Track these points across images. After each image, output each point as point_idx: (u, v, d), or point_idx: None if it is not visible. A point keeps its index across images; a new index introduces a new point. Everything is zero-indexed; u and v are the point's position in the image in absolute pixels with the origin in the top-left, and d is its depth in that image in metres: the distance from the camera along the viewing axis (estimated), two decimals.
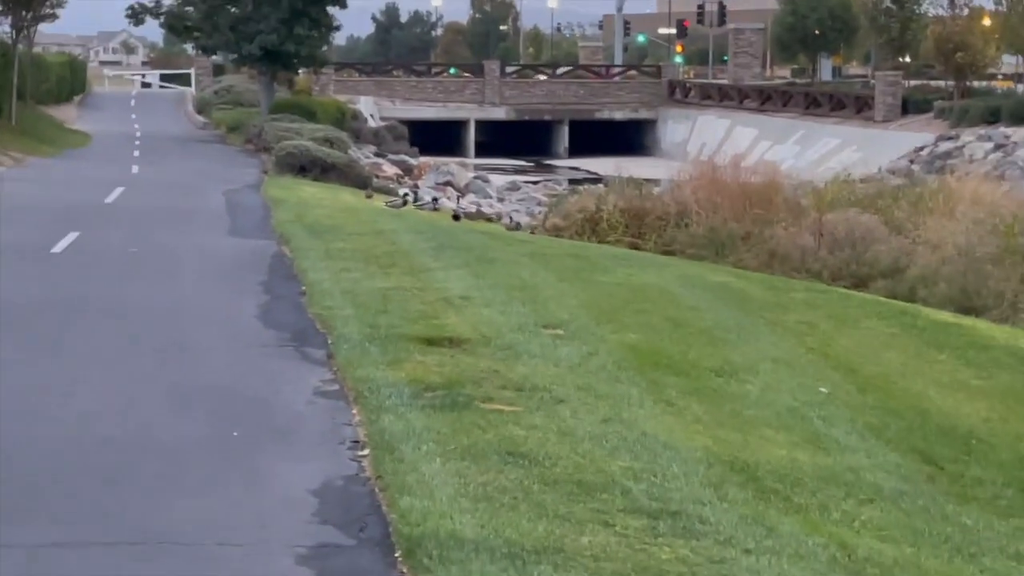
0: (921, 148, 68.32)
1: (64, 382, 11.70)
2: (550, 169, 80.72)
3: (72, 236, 21.64)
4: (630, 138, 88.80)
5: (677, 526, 8.23)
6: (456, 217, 26.55)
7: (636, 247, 28.84)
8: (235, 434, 10.02)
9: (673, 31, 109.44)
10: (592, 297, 15.68)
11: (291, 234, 21.98)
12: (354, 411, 10.59)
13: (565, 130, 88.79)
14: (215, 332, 14.08)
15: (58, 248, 20.35)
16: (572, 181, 69.03)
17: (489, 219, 33.69)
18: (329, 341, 13.24)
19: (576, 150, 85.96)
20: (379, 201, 31.70)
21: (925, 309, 18.11)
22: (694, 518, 8.41)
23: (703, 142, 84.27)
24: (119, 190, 30.97)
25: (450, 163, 54.61)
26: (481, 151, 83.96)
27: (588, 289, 16.22)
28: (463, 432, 9.81)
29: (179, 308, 15.51)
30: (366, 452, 9.47)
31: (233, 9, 56.05)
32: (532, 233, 32.31)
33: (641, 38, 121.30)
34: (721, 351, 13.62)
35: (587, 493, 8.67)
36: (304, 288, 16.52)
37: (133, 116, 69.72)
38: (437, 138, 76.89)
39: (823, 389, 12.69)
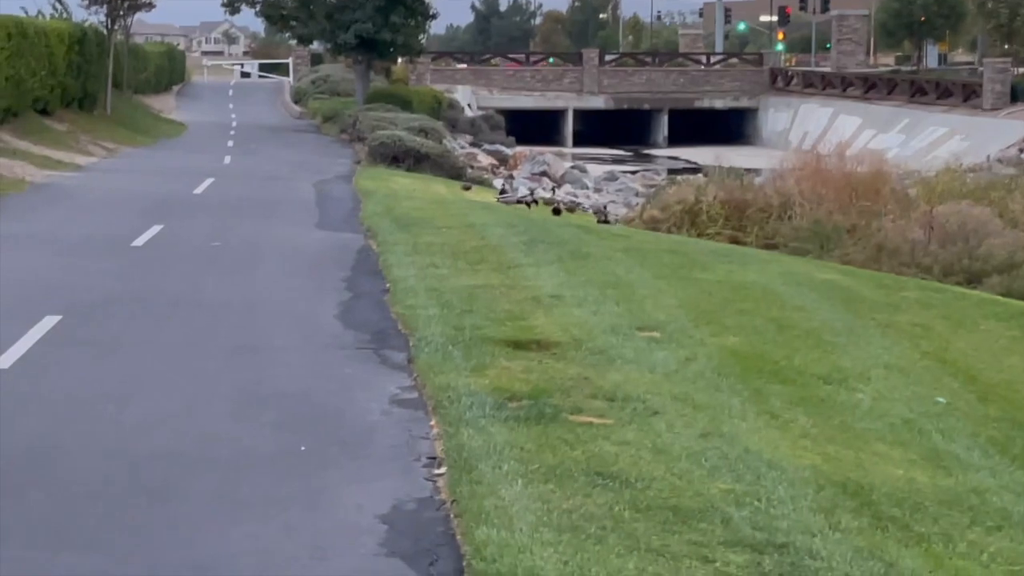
0: None
1: (123, 386, 10.99)
2: (649, 159, 79.74)
3: (156, 229, 21.02)
4: (730, 127, 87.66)
5: (784, 562, 7.35)
6: (556, 211, 25.70)
7: (737, 241, 27.85)
8: (302, 448, 9.25)
9: (775, 18, 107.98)
10: (690, 296, 14.78)
11: (379, 227, 21.26)
12: (432, 423, 9.80)
13: (664, 119, 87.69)
14: (290, 332, 13.35)
15: (139, 242, 19.71)
16: (671, 171, 68.06)
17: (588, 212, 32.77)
18: (410, 343, 12.46)
19: (675, 139, 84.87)
20: (482, 195, 30.85)
21: None
22: (803, 552, 7.52)
23: (805, 131, 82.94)
24: (209, 181, 30.42)
25: (546, 153, 53.66)
26: (579, 140, 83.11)
27: (686, 287, 15.32)
28: (548, 449, 8.98)
29: (255, 305, 14.80)
30: (442, 471, 8.67)
31: None
32: (629, 224, 31.43)
33: (742, 26, 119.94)
34: (829, 356, 12.67)
35: (684, 522, 7.81)
36: (388, 285, 15.76)
37: (230, 106, 69.59)
38: (535, 128, 76.13)
39: (941, 399, 11.72)
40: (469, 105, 73.87)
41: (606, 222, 26.29)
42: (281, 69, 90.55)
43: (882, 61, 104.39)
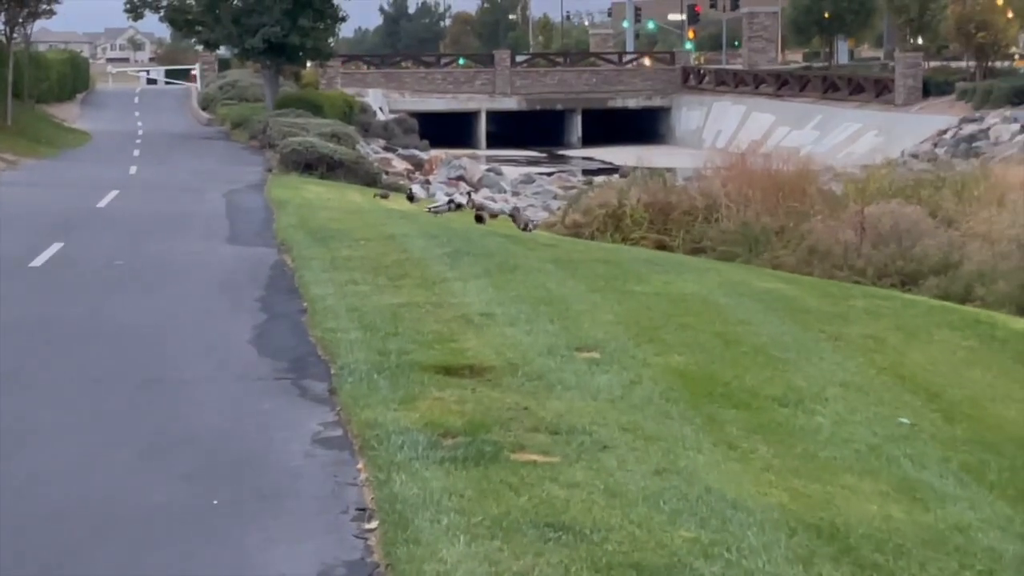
0: (944, 131, 66.60)
1: (13, 430, 9.90)
2: (563, 159, 79.12)
3: (55, 247, 19.85)
4: (644, 126, 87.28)
5: None
6: (480, 219, 24.77)
7: (663, 246, 27.08)
8: (215, 502, 8.26)
9: (684, 17, 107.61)
10: (628, 311, 13.90)
11: (294, 241, 20.25)
12: (359, 466, 8.84)
13: (578, 119, 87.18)
14: (202, 361, 12.32)
15: (37, 262, 18.54)
16: (587, 172, 67.44)
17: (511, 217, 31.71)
18: (332, 372, 11.49)
19: (589, 139, 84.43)
20: (400, 203, 29.81)
21: (1002, 317, 16.24)
22: None
23: (719, 129, 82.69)
24: (113, 193, 29.22)
25: (462, 156, 52.73)
26: (492, 142, 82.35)
27: (623, 301, 14.44)
28: (491, 495, 8.06)
29: (163, 331, 13.76)
30: (374, 525, 7.72)
31: (236, 1, 54.33)
32: (551, 230, 30.56)
33: (651, 24, 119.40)
34: (782, 374, 11.82)
35: None
36: (306, 305, 14.78)
37: (136, 114, 68.05)
38: (447, 130, 75.20)
39: (904, 420, 10.91)
40: (380, 109, 72.78)
41: (526, 229, 25.34)
42: (188, 75, 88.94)
43: (789, 58, 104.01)
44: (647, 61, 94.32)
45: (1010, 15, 72.45)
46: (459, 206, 27.38)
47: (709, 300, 14.61)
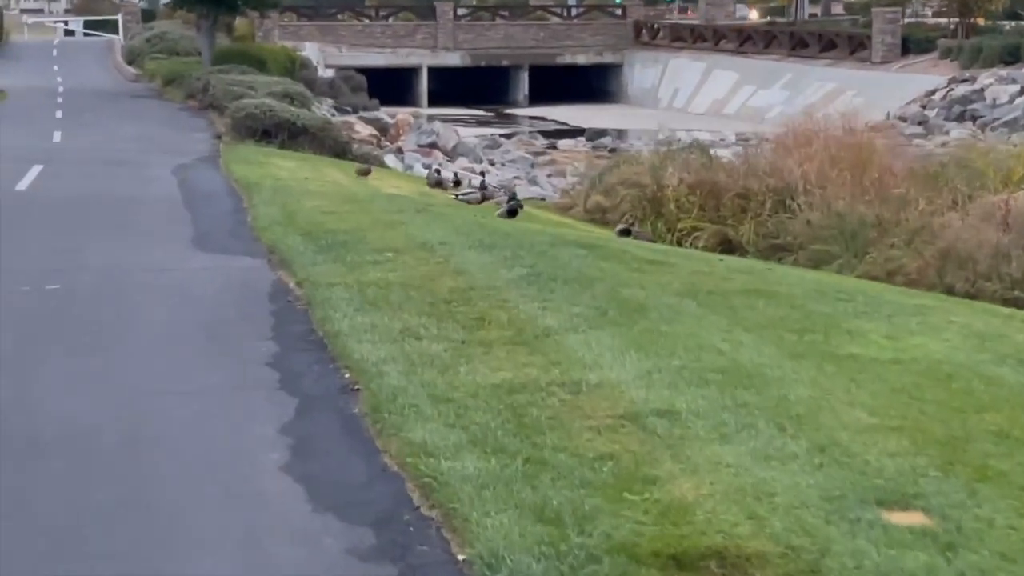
0: (933, 92, 61.99)
1: None
2: (512, 119, 74.13)
3: None
4: (594, 84, 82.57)
5: None
6: (513, 212, 19.32)
7: (726, 240, 21.86)
8: None
9: None
10: (885, 403, 8.60)
11: (287, 247, 14.81)
12: None
13: (525, 76, 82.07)
14: (212, 529, 6.92)
15: None
16: (545, 133, 62.51)
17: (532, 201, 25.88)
18: (461, 557, 6.23)
19: (537, 97, 79.43)
20: (387, 180, 24.28)
21: None
22: None
23: (676, 87, 78.11)
24: (36, 170, 23.52)
25: (435, 121, 47.15)
26: (435, 100, 77.03)
27: (857, 378, 9.16)
28: None
29: (131, 442, 8.31)
30: None
31: None
32: (567, 214, 25.26)
33: None
34: None
35: None
36: (351, 377, 9.44)
37: (55, 68, 61.50)
38: (388, 87, 69.54)
39: None
40: (317, 64, 67.08)
41: (628, 234, 19.69)
42: (110, 26, 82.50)
43: (743, 15, 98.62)
44: (597, 14, 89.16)
45: None
46: (484, 189, 21.90)
47: (990, 376, 9.32)
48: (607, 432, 7.99)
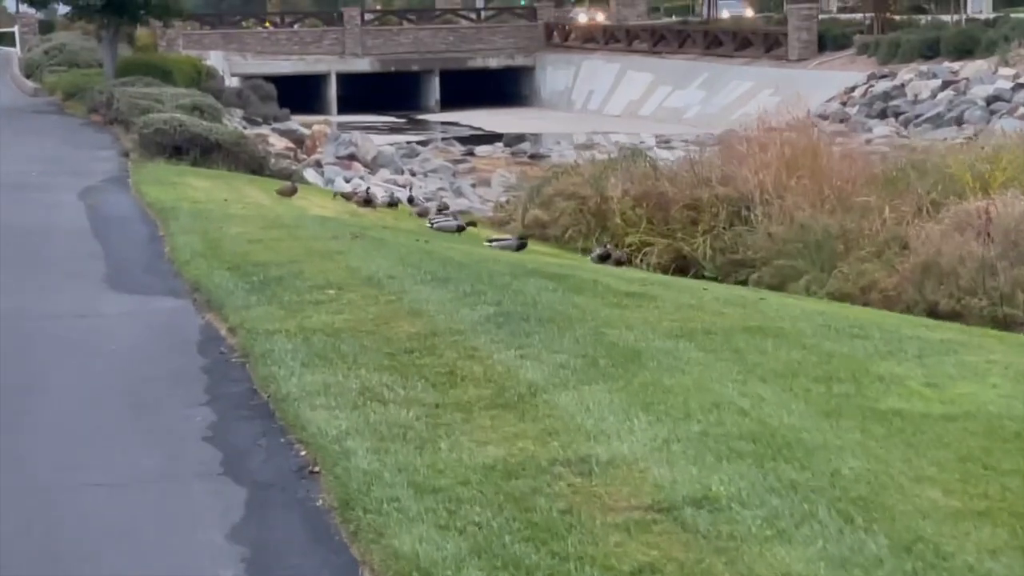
0: (852, 88, 61.23)
1: None
2: (424, 125, 72.84)
3: None
4: (506, 87, 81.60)
5: None
6: (460, 228, 17.73)
7: (682, 257, 20.44)
8: None
9: None
10: (964, 479, 7.04)
11: (214, 285, 13.14)
12: None
13: (436, 81, 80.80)
14: None
15: None
16: (462, 139, 61.21)
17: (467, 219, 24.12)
18: None
19: (448, 102, 78.21)
20: (312, 198, 22.55)
21: None
22: None
23: (590, 90, 77.18)
24: None
25: (353, 132, 45.39)
26: (344, 107, 75.50)
27: (912, 442, 7.65)
28: None
29: (41, 561, 6.70)
30: None
31: None
32: (502, 229, 23.72)
33: None
34: None
35: None
36: (310, 459, 7.86)
37: None
38: (295, 95, 67.71)
39: None
40: (223, 73, 65.16)
41: (607, 259, 18.17)
42: (6, 39, 79.88)
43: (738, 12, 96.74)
44: (507, 17, 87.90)
45: None
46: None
47: None
48: (638, 532, 6.46)
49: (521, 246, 18.04)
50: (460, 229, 19.84)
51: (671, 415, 8.23)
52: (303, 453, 8.03)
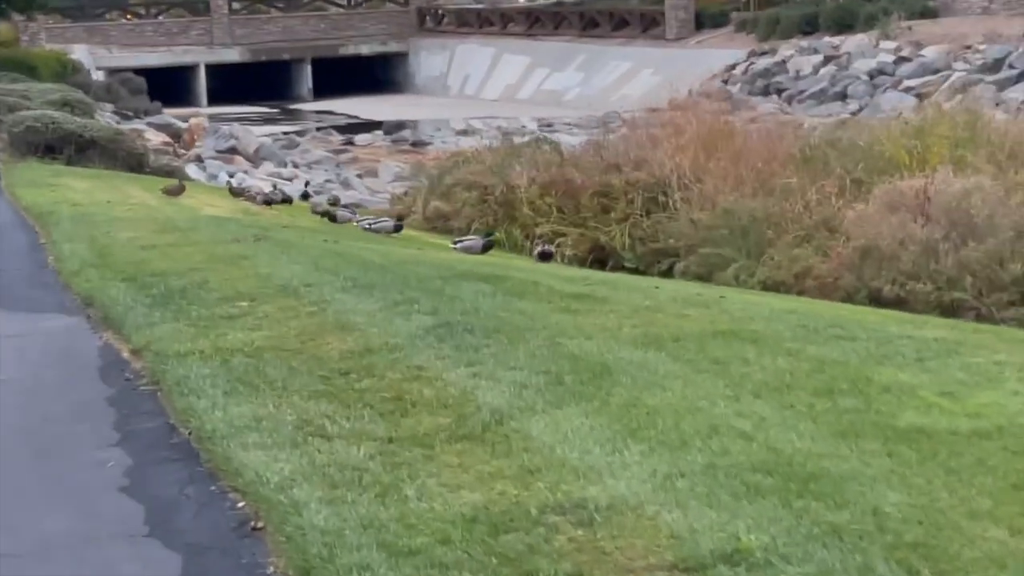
0: (733, 66, 60.83)
1: None
2: (298, 114, 71.52)
3: None
4: (380, 74, 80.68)
5: None
6: (398, 229, 16.54)
7: (599, 248, 19.40)
8: None
9: None
10: (1020, 519, 6.16)
11: (110, 299, 11.84)
12: None
13: (308, 69, 79.59)
14: None
15: None
16: (339, 128, 59.94)
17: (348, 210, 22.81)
18: None
19: (321, 91, 77.05)
20: (202, 197, 21.20)
21: None
22: None
23: (466, 74, 76.36)
24: None
25: (233, 124, 43.83)
26: (215, 98, 73.81)
27: (952, 468, 6.62)
28: None
29: None
30: None
31: None
32: (404, 221, 22.50)
33: None
34: None
35: None
36: (250, 512, 6.66)
37: None
38: (164, 87, 65.98)
39: None
40: (89, 68, 63.24)
41: (548, 258, 16.85)
42: None
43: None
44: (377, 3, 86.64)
45: None
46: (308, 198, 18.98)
47: None
48: None
49: (488, 246, 16.77)
50: (397, 229, 18.62)
51: (665, 443, 7.14)
52: (240, 504, 6.83)
